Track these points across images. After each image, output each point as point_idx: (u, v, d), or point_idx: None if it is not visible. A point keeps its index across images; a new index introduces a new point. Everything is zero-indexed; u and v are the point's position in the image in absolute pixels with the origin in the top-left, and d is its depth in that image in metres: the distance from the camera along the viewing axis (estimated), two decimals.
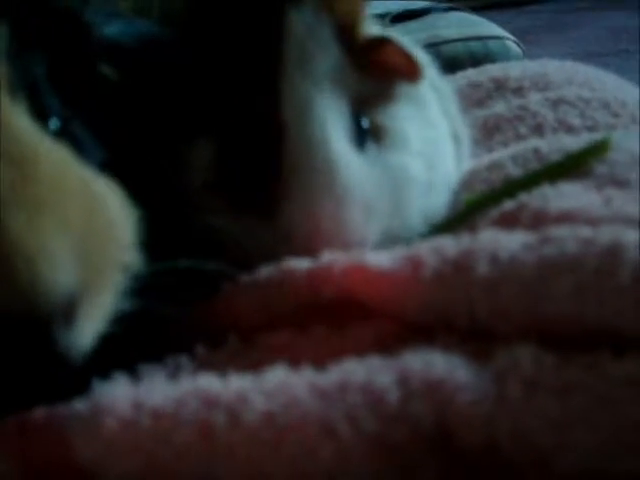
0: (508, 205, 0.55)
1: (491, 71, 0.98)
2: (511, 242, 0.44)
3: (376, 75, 0.57)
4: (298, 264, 0.47)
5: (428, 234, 0.57)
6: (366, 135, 0.55)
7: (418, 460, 0.36)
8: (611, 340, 0.38)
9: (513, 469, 0.36)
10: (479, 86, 0.93)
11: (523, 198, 0.55)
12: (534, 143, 0.66)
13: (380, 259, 0.46)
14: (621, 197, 0.52)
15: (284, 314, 0.47)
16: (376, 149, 0.55)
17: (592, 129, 0.73)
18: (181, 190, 0.54)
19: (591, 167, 0.57)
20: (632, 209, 0.49)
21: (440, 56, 0.79)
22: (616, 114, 0.76)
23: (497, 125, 0.80)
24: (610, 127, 0.73)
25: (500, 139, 0.77)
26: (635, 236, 0.41)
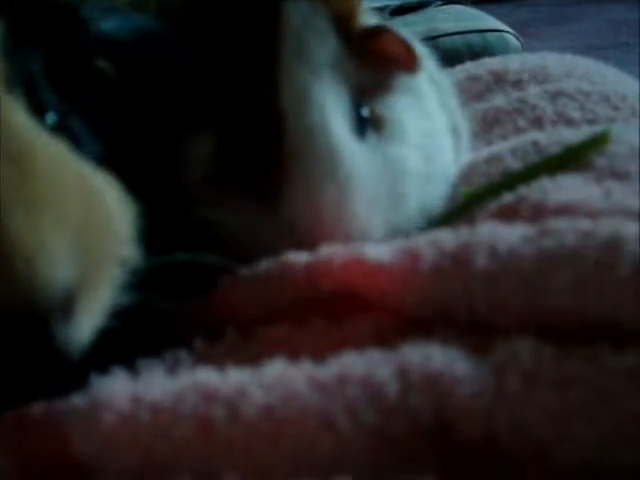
0: (507, 198, 0.55)
1: (490, 64, 0.97)
2: (510, 235, 0.44)
3: (375, 65, 0.56)
4: (297, 257, 0.47)
5: (427, 227, 0.56)
6: (366, 124, 0.55)
7: (417, 453, 0.37)
8: (611, 333, 0.38)
9: (512, 462, 0.36)
10: (478, 79, 0.92)
11: (522, 191, 0.55)
12: (533, 136, 0.65)
13: (379, 252, 0.46)
14: (621, 190, 0.52)
15: (283, 307, 0.47)
16: (376, 138, 0.55)
17: (592, 122, 0.73)
18: (179, 184, 0.53)
19: (591, 160, 0.57)
20: (632, 201, 0.49)
21: (439, 49, 0.79)
22: (616, 107, 0.76)
23: (496, 118, 0.80)
24: (610, 120, 0.73)
25: (499, 132, 0.77)
26: (635, 229, 0.41)
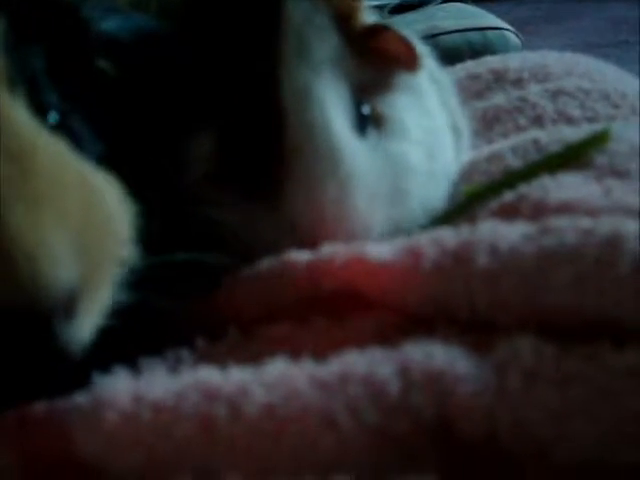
0: (508, 196, 0.55)
1: (490, 63, 0.97)
2: (511, 233, 0.44)
3: (375, 63, 0.56)
4: (298, 256, 0.47)
5: (428, 225, 0.56)
6: (367, 122, 0.55)
7: (418, 451, 0.37)
8: (611, 331, 0.38)
9: (512, 461, 0.36)
10: (478, 78, 0.92)
11: (523, 189, 0.55)
12: (534, 134, 0.65)
13: (380, 250, 0.46)
14: (621, 188, 0.52)
15: (284, 306, 0.47)
16: (377, 136, 0.55)
17: (592, 120, 0.73)
18: (181, 183, 0.53)
19: (591, 158, 0.57)
20: (632, 200, 0.49)
21: (439, 47, 0.79)
22: (616, 105, 0.76)
23: (497, 116, 0.80)
24: (610, 118, 0.73)
25: (500, 130, 0.77)
26: (635, 226, 0.41)
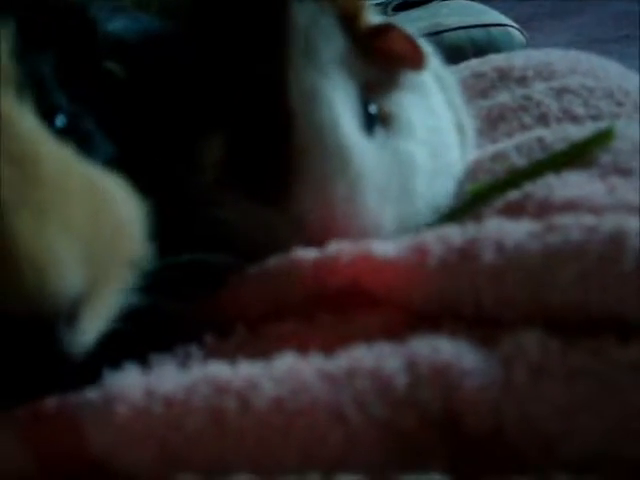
0: (513, 195, 0.55)
1: (495, 61, 0.97)
2: (516, 230, 0.44)
3: (381, 62, 0.57)
4: (305, 254, 0.47)
5: (433, 224, 0.57)
6: (375, 121, 0.55)
7: (426, 445, 0.37)
8: (615, 326, 0.39)
9: (518, 455, 0.37)
10: (483, 76, 0.92)
11: (528, 188, 0.55)
12: (538, 133, 0.65)
13: (386, 248, 0.46)
14: (624, 185, 0.52)
15: (291, 304, 0.47)
16: (385, 135, 0.55)
17: (596, 118, 0.73)
18: (190, 184, 0.54)
19: (595, 156, 0.57)
20: (635, 197, 0.50)
21: (443, 44, 0.79)
22: (620, 103, 0.76)
23: (501, 115, 0.79)
24: (614, 116, 0.73)
25: (504, 129, 0.77)
26: (637, 224, 0.41)
